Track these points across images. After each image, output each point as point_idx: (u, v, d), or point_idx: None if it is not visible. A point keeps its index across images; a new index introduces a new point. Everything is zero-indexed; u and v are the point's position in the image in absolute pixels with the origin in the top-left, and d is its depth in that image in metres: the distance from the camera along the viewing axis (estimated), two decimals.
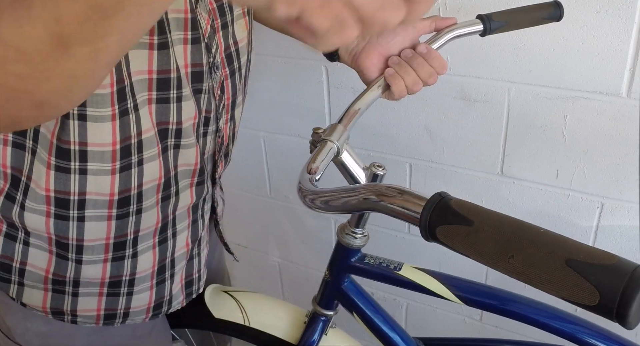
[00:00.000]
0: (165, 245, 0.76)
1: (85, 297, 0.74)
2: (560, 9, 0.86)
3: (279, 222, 1.59)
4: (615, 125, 1.02)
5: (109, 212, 0.68)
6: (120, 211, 0.68)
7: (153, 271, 0.76)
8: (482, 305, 0.83)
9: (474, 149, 1.18)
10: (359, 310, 0.90)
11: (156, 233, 0.74)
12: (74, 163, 0.63)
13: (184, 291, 0.83)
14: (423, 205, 0.43)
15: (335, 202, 0.53)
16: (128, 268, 0.74)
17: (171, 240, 0.77)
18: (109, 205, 0.67)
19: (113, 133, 0.62)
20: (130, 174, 0.66)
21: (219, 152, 0.80)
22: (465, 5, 1.05)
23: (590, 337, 0.80)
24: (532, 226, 0.39)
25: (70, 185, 0.65)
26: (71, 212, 0.67)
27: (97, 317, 0.76)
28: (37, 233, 0.69)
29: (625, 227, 1.09)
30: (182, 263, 0.80)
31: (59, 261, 0.71)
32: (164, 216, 0.73)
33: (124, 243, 0.71)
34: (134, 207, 0.69)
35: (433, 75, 0.79)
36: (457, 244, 0.40)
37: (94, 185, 0.65)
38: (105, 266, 0.72)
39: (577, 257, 0.35)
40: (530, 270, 0.36)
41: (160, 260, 0.77)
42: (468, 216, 0.40)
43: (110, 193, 0.66)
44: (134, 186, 0.67)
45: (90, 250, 0.70)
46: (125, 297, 0.76)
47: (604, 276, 0.34)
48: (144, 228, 0.72)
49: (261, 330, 0.98)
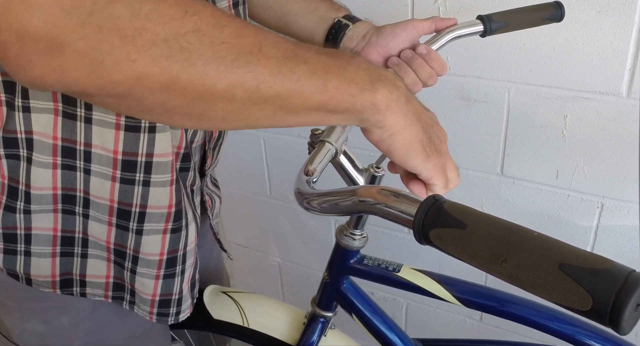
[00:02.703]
0: (178, 236, 0.74)
1: (94, 259, 0.73)
2: (561, 9, 0.86)
3: (279, 222, 1.59)
4: (615, 125, 1.02)
5: (112, 172, 0.66)
6: (125, 174, 0.66)
7: (161, 261, 0.74)
8: (481, 306, 0.83)
9: (474, 149, 1.18)
10: (358, 311, 0.90)
11: (169, 218, 0.72)
12: (80, 110, 0.62)
13: (191, 293, 0.82)
14: (416, 207, 0.43)
15: (331, 204, 0.53)
16: (132, 242, 0.72)
17: (184, 230, 0.74)
18: (113, 165, 0.65)
19: None
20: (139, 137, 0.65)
21: (209, 143, 0.78)
22: (465, 5, 1.04)
23: (589, 339, 0.80)
24: (525, 229, 0.39)
25: (76, 133, 0.63)
26: (78, 163, 0.65)
27: (106, 285, 0.75)
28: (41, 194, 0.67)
29: (625, 227, 1.09)
30: (192, 259, 0.78)
31: (67, 218, 0.69)
32: (177, 201, 0.71)
33: (128, 212, 0.69)
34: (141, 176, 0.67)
35: (433, 76, 0.79)
36: (450, 247, 0.40)
37: (99, 138, 0.63)
38: (110, 230, 0.71)
39: (570, 261, 0.35)
40: (523, 274, 0.36)
41: (170, 248, 0.74)
42: (461, 219, 0.40)
43: (113, 151, 0.64)
44: (141, 153, 0.66)
45: (95, 207, 0.69)
46: (129, 273, 0.74)
47: (597, 280, 0.34)
48: (152, 206, 0.70)
49: (260, 331, 0.98)
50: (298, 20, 0.86)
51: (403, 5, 1.10)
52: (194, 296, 0.84)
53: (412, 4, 1.09)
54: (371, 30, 0.83)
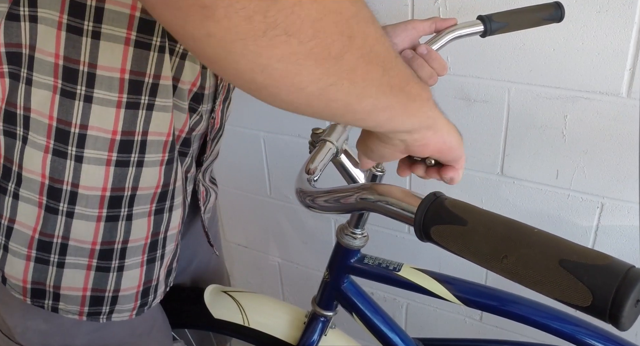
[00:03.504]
0: (161, 217, 0.73)
1: (71, 269, 0.71)
2: (561, 10, 0.86)
3: (279, 222, 1.59)
4: (615, 125, 1.02)
5: (108, 155, 0.65)
6: (121, 156, 0.65)
7: (145, 244, 0.73)
8: (482, 305, 0.83)
9: (474, 149, 1.18)
10: (358, 310, 0.90)
11: (154, 199, 0.70)
12: (80, 87, 0.61)
13: (166, 281, 0.81)
14: (417, 204, 0.43)
15: (332, 202, 0.53)
16: (121, 233, 0.70)
17: (167, 213, 0.74)
18: (109, 146, 0.64)
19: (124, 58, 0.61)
20: (137, 115, 0.64)
21: (210, 133, 0.77)
22: (465, 5, 1.05)
23: (590, 338, 0.80)
24: (525, 226, 0.39)
25: (72, 114, 0.62)
26: (70, 149, 0.64)
27: (82, 299, 0.73)
28: (30, 179, 0.65)
29: (625, 227, 1.09)
30: (172, 245, 0.78)
31: (48, 216, 0.68)
32: (165, 183, 0.70)
33: (120, 199, 0.68)
34: (136, 157, 0.66)
35: (433, 76, 0.79)
36: (450, 244, 0.40)
37: (97, 118, 0.62)
38: (98, 227, 0.69)
39: (571, 257, 0.35)
40: (524, 271, 0.36)
41: (154, 233, 0.73)
42: (462, 216, 0.40)
43: (113, 131, 0.63)
44: (138, 131, 0.65)
45: (84, 201, 0.67)
46: (115, 273, 0.72)
47: (597, 276, 0.34)
48: (143, 187, 0.68)
49: (261, 330, 0.98)
50: None
51: (403, 5, 1.10)
52: (167, 284, 0.82)
53: (412, 4, 1.09)
54: None
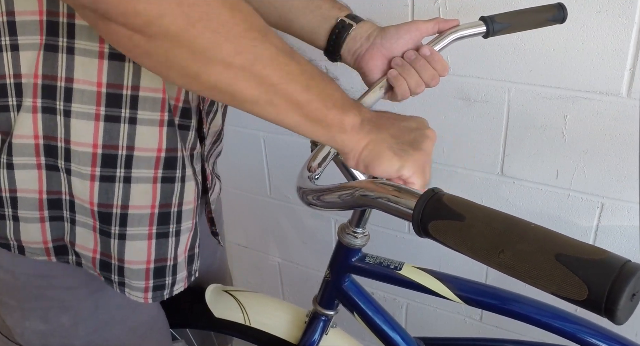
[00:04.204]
0: (171, 186, 0.69)
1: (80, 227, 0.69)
2: (563, 11, 0.86)
3: (279, 222, 1.59)
4: (615, 125, 1.02)
5: (96, 109, 0.62)
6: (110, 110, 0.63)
7: (152, 214, 0.70)
8: (483, 304, 0.83)
9: (474, 149, 1.18)
10: (359, 309, 0.90)
11: (159, 164, 0.67)
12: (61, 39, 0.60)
13: (187, 267, 0.77)
14: (416, 200, 0.43)
15: (332, 198, 0.54)
16: (119, 197, 0.67)
17: (179, 183, 0.70)
18: (97, 100, 0.62)
19: None
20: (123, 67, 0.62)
21: (202, 103, 0.74)
22: (465, 5, 1.05)
23: (591, 337, 0.79)
24: (523, 221, 0.39)
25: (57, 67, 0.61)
26: (58, 104, 0.62)
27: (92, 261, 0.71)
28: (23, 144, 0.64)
29: (625, 227, 1.09)
30: (189, 223, 0.73)
31: (50, 175, 0.66)
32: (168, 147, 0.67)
33: (113, 158, 0.65)
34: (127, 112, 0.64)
35: (435, 77, 0.79)
36: (448, 239, 0.41)
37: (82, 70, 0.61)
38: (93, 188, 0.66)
39: (567, 251, 0.35)
40: (520, 265, 0.37)
41: (163, 204, 0.69)
42: (460, 211, 0.40)
43: (97, 83, 0.61)
44: (126, 85, 0.62)
45: (77, 158, 0.64)
46: (117, 241, 0.69)
47: (592, 270, 0.34)
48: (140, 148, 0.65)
49: (262, 329, 0.98)
50: (299, 18, 0.85)
51: (403, 5, 1.10)
52: (191, 272, 0.78)
53: (412, 4, 1.10)
54: (375, 31, 0.82)
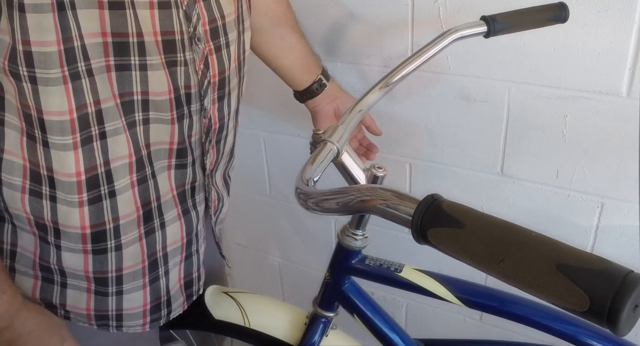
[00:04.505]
0: (153, 237, 0.74)
1: (73, 290, 0.72)
2: (565, 10, 0.85)
3: (279, 222, 1.59)
4: (615, 125, 1.02)
5: (79, 197, 0.65)
6: (91, 194, 0.66)
7: (144, 268, 0.74)
8: (483, 306, 0.83)
9: (474, 149, 1.18)
10: (359, 311, 0.90)
11: (140, 222, 0.71)
12: (37, 131, 0.61)
13: (184, 292, 0.82)
14: (415, 207, 0.43)
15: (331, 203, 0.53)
16: (112, 263, 0.71)
17: (159, 231, 0.74)
18: (77, 188, 0.65)
19: (68, 99, 0.60)
20: (93, 148, 0.64)
21: (206, 135, 0.77)
22: (465, 5, 1.04)
23: (591, 339, 0.79)
24: (523, 229, 0.39)
25: (38, 157, 0.63)
26: (44, 189, 0.65)
27: (87, 317, 0.75)
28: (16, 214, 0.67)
29: (625, 227, 1.09)
30: (176, 259, 0.78)
31: (43, 245, 0.69)
32: (144, 202, 0.71)
33: (103, 233, 0.69)
34: (105, 189, 0.66)
35: None
36: (447, 246, 0.40)
37: (58, 161, 0.63)
38: (87, 259, 0.70)
39: (568, 261, 0.35)
40: (521, 274, 0.36)
41: (150, 254, 0.74)
42: (459, 218, 0.40)
43: (76, 173, 0.64)
44: (99, 163, 0.65)
45: (67, 237, 0.68)
46: (115, 297, 0.74)
47: (594, 281, 0.34)
48: (124, 216, 0.69)
49: (261, 331, 0.98)
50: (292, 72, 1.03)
51: (403, 5, 1.10)
52: (191, 293, 0.83)
53: (412, 4, 1.09)
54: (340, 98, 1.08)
